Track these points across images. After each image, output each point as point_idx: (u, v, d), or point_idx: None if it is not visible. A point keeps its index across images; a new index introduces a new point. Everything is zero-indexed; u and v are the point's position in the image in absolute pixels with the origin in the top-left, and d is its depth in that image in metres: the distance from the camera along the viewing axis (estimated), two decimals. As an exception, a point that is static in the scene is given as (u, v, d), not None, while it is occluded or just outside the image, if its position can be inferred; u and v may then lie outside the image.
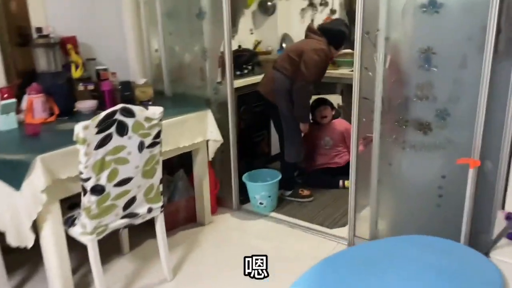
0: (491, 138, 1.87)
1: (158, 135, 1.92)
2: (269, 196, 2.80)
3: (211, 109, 2.61)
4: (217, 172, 2.86)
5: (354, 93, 2.19)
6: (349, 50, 3.77)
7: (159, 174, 2.00)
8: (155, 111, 1.86)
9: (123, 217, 1.91)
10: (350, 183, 2.34)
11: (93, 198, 1.76)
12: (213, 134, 2.56)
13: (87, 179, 1.72)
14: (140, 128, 1.83)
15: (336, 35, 2.84)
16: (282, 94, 2.84)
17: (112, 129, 1.73)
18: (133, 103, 2.57)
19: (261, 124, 3.47)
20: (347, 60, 3.75)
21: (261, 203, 2.81)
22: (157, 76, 3.00)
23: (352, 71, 3.68)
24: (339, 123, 3.26)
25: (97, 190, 1.76)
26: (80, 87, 2.49)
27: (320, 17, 4.10)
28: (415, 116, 2.04)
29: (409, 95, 2.03)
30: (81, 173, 1.71)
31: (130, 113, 1.78)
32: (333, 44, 2.83)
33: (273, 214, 2.82)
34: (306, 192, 3.01)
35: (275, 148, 3.65)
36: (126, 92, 2.58)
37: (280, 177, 2.84)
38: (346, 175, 3.23)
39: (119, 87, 2.59)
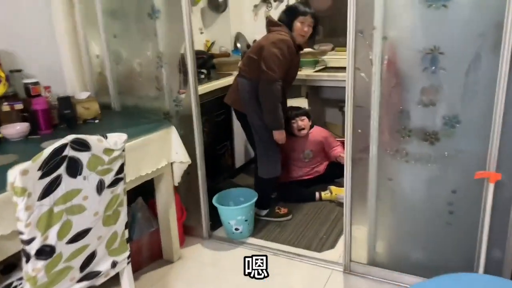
0: (506, 147, 1.67)
1: (121, 169, 1.49)
2: (246, 220, 2.44)
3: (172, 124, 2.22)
4: (182, 197, 2.45)
5: (348, 101, 1.90)
6: (309, 49, 3.53)
7: (123, 217, 1.57)
8: (117, 139, 1.43)
9: (80, 280, 1.46)
10: (345, 203, 2.05)
11: (40, 263, 1.30)
12: (179, 155, 2.16)
13: (31, 241, 1.26)
14: (98, 163, 1.39)
15: (286, 15, 2.50)
16: (248, 101, 2.50)
17: (61, 170, 1.28)
18: (75, 123, 2.11)
19: (223, 134, 3.10)
20: (308, 60, 3.50)
21: (236, 229, 2.44)
22: (100, 87, 2.51)
23: (316, 71, 3.48)
24: (317, 133, 2.98)
25: (45, 252, 1.30)
26: (5, 107, 1.97)
27: (275, 14, 3.79)
28: (419, 125, 1.80)
29: (412, 101, 1.78)
30: (21, 233, 1.25)
31: (84, 146, 1.33)
32: (288, 25, 2.47)
33: (251, 240, 2.46)
34: (283, 210, 2.69)
35: (239, 160, 3.31)
36: (66, 110, 2.09)
37: (256, 196, 2.49)
38: (320, 184, 3.01)
39: (56, 104, 2.10)
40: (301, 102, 3.23)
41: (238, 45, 3.72)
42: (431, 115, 1.76)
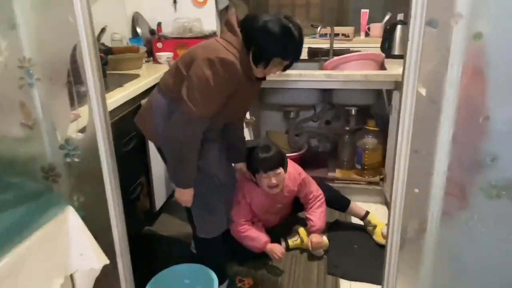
0: None
1: None
2: (204, 324, 1.53)
3: (63, 190, 1.20)
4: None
5: (401, 142, 1.11)
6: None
7: None
8: None
9: None
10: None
11: None
12: (86, 258, 1.14)
13: None
14: None
15: (255, 35, 1.47)
16: (163, 130, 1.58)
17: None
18: None
19: (136, 169, 2.07)
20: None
21: None
22: None
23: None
24: (292, 181, 2.05)
25: None
26: None
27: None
28: (521, 179, 1.09)
29: (512, 142, 1.07)
30: None
31: None
32: (252, 53, 1.48)
33: None
34: (248, 282, 1.82)
35: (159, 198, 2.33)
36: None
37: (215, 279, 1.58)
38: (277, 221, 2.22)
39: None
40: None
41: (139, 30, 2.64)
42: (544, 164, 1.07)
